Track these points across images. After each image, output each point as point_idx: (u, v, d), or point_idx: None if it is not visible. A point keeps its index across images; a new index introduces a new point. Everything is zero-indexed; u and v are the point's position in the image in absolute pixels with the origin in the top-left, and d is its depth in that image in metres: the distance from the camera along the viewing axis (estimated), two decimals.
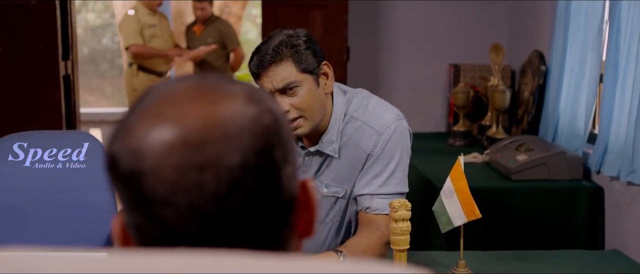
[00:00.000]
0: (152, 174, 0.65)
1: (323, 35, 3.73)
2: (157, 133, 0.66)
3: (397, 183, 1.98)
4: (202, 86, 0.70)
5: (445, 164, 3.17)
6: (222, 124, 0.66)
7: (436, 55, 4.16)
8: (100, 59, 10.39)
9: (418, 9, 4.13)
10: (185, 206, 0.65)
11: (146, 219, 0.67)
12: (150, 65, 5.34)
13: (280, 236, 0.71)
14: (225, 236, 0.66)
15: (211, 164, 0.65)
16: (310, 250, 2.10)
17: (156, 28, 5.37)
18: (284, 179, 0.69)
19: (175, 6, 7.66)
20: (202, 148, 0.65)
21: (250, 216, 0.67)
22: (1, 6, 3.65)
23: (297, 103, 1.89)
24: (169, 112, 0.67)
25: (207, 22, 5.58)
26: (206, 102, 0.67)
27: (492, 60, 3.44)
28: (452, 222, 1.82)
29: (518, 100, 3.59)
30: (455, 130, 3.68)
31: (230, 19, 7.57)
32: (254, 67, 1.90)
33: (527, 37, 3.82)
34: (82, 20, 10.50)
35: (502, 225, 2.80)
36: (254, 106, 0.68)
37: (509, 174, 2.86)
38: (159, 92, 0.70)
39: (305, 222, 0.74)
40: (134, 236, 0.69)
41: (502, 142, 3.13)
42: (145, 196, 0.65)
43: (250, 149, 0.66)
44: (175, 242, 0.66)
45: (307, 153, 2.05)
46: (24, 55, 3.70)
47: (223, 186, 0.65)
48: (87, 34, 10.49)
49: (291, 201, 0.71)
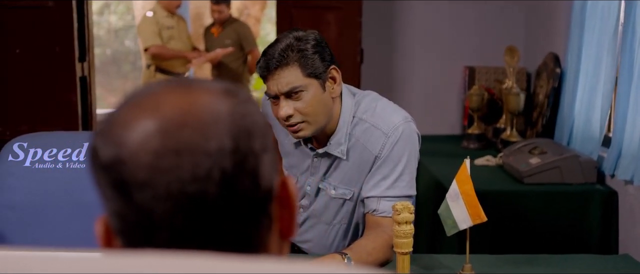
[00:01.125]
0: (131, 161, 0.66)
1: (337, 38, 3.73)
2: (136, 122, 0.67)
3: (405, 186, 1.97)
4: (179, 84, 0.72)
5: (458, 167, 3.15)
6: (199, 111, 0.68)
7: (451, 57, 4.13)
8: (123, 61, 10.48)
9: (433, 10, 4.11)
10: (163, 189, 0.66)
11: (125, 205, 0.68)
12: (168, 66, 5.38)
13: (259, 225, 0.71)
14: (202, 220, 0.67)
15: (188, 148, 0.66)
16: (318, 252, 2.11)
17: (174, 30, 5.40)
18: (262, 167, 0.70)
19: (194, 8, 7.70)
20: (179, 133, 0.66)
21: (228, 201, 0.68)
22: (18, 8, 3.69)
23: (301, 108, 1.89)
24: (147, 102, 0.69)
25: (224, 24, 5.61)
26: (183, 93, 0.69)
27: (507, 62, 3.42)
28: (458, 225, 1.81)
29: (533, 103, 3.57)
30: (469, 133, 3.66)
31: (249, 21, 7.59)
32: (260, 70, 1.91)
33: (543, 39, 3.79)
34: (105, 22, 10.60)
35: (514, 229, 2.78)
36: (231, 99, 0.70)
37: (521, 177, 2.84)
38: (140, 89, 0.72)
39: (286, 221, 0.75)
40: (113, 225, 0.70)
41: (516, 145, 3.11)
42: (124, 181, 0.67)
43: (227, 134, 0.67)
44: (153, 227, 0.67)
45: (315, 155, 2.05)
46: (41, 57, 3.73)
47: (200, 170, 0.66)
48: (110, 36, 10.59)
49: (270, 192, 0.72)
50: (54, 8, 3.69)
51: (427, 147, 3.61)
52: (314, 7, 3.76)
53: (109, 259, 0.60)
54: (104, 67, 10.21)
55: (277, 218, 0.74)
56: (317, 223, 2.13)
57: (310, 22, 3.73)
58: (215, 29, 5.65)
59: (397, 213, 1.64)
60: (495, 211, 2.79)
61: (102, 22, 10.55)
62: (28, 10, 3.69)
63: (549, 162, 2.81)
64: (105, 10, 10.62)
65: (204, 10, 7.36)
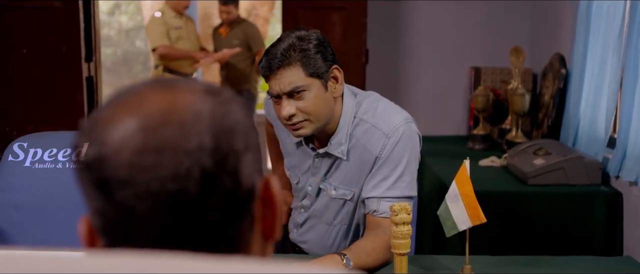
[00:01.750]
0: (112, 158, 0.67)
1: (342, 38, 3.73)
2: (117, 120, 0.68)
3: (405, 187, 1.97)
4: (161, 84, 0.72)
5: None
6: (181, 110, 0.68)
7: (457, 58, 4.12)
8: (133, 61, 10.51)
9: (438, 11, 4.10)
10: (143, 188, 0.66)
11: (106, 203, 0.68)
12: (176, 67, 5.39)
13: (239, 224, 0.71)
14: (182, 218, 0.67)
15: (169, 146, 0.66)
16: (318, 252, 2.11)
17: (182, 30, 5.41)
18: (243, 166, 0.70)
19: (203, 8, 7.72)
20: (160, 132, 0.67)
21: (208, 199, 0.68)
22: (25, 8, 3.71)
23: (304, 107, 1.89)
24: (130, 101, 0.69)
25: (233, 24, 5.62)
26: (165, 92, 0.70)
27: (513, 63, 3.41)
28: (457, 226, 1.80)
29: (539, 104, 3.55)
30: (474, 133, 3.65)
31: (257, 21, 7.59)
32: (262, 69, 1.91)
33: (549, 39, 3.78)
34: (116, 23, 10.64)
35: (518, 230, 2.77)
36: (213, 98, 0.71)
37: (525, 178, 2.83)
38: (124, 89, 0.73)
39: (269, 221, 0.75)
40: (95, 224, 0.70)
41: (521, 146, 3.09)
42: (105, 179, 0.67)
43: (208, 133, 0.68)
44: (134, 225, 0.67)
45: (316, 155, 2.05)
46: (47, 57, 3.75)
47: (181, 168, 0.66)
48: (121, 36, 10.63)
49: (251, 191, 0.72)
50: (60, 8, 3.71)
51: (432, 147, 3.62)
52: (319, 7, 3.76)
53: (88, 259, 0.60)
54: (114, 67, 10.25)
55: (260, 218, 0.74)
56: (317, 223, 2.13)
57: (316, 22, 3.73)
58: (224, 29, 5.66)
59: (394, 213, 1.64)
60: (499, 212, 2.78)
61: (112, 22, 10.59)
62: (35, 10, 3.71)
63: (553, 163, 2.79)
64: (115, 10, 10.66)
65: (212, 10, 7.37)
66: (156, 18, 5.42)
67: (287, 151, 2.19)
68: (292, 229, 2.24)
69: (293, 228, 2.23)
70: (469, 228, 1.80)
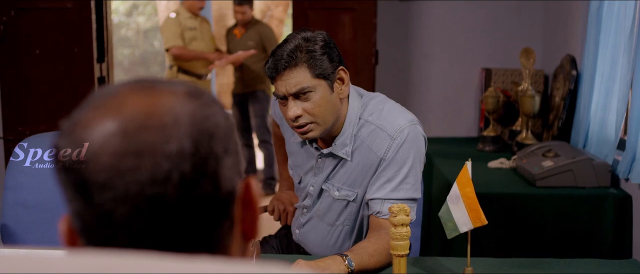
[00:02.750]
0: (91, 161, 0.67)
1: (352, 39, 3.73)
2: (97, 122, 0.68)
3: (409, 189, 1.97)
4: (142, 85, 0.72)
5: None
6: (161, 113, 0.68)
7: (468, 59, 4.11)
8: (152, 61, 10.58)
9: (449, 12, 4.09)
10: (122, 190, 0.66)
11: (85, 206, 0.68)
12: (190, 67, 5.42)
13: (219, 227, 0.71)
14: (161, 222, 0.67)
15: (148, 150, 0.66)
16: (321, 253, 2.11)
17: (197, 31, 5.44)
18: (223, 170, 0.70)
19: (218, 9, 7.75)
20: (139, 135, 0.67)
21: (187, 203, 0.68)
22: (38, 9, 3.74)
23: (310, 108, 1.89)
24: (109, 103, 0.69)
25: (247, 25, 5.63)
26: (146, 95, 0.70)
27: (523, 64, 3.39)
28: (458, 228, 1.80)
29: (550, 105, 3.53)
30: (485, 135, 3.63)
31: (272, 22, 7.62)
32: (268, 70, 1.91)
33: (560, 40, 3.75)
34: (134, 23, 10.71)
35: (526, 232, 2.75)
36: (194, 101, 0.71)
37: (533, 180, 2.81)
38: (104, 89, 0.73)
39: (248, 222, 0.75)
40: (75, 226, 0.71)
41: (530, 147, 3.07)
42: (85, 182, 0.67)
43: (187, 137, 0.68)
44: (113, 228, 0.68)
45: (320, 155, 2.05)
46: (59, 58, 3.78)
47: (160, 172, 0.66)
48: (139, 37, 10.70)
49: (231, 194, 0.72)
50: (72, 9, 3.73)
51: (442, 149, 3.61)
52: (329, 8, 3.76)
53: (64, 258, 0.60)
54: (132, 68, 10.32)
55: (240, 220, 0.74)
56: (319, 224, 2.13)
57: (326, 23, 3.73)
58: (238, 30, 5.68)
59: (393, 215, 1.63)
60: (507, 214, 2.77)
61: (130, 23, 10.67)
62: (47, 11, 3.74)
63: (561, 165, 2.77)
64: (133, 11, 10.74)
65: (227, 11, 7.40)
66: (170, 19, 5.45)
67: (291, 149, 2.19)
68: (294, 229, 2.25)
69: (295, 229, 2.24)
70: (471, 230, 1.79)
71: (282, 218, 2.37)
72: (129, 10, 10.66)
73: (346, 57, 3.68)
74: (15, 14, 3.73)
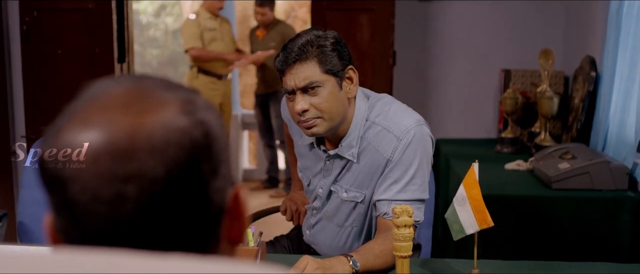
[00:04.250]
0: (75, 181, 0.65)
1: (370, 40, 3.72)
2: (82, 138, 0.66)
3: (416, 190, 1.96)
4: (135, 92, 0.69)
5: (487, 171, 3.11)
6: (149, 135, 0.65)
7: (487, 60, 4.08)
8: (180, 62, 10.65)
9: (468, 12, 4.06)
10: (107, 215, 0.65)
11: (70, 224, 0.67)
12: (209, 68, 5.45)
13: (206, 246, 0.71)
14: (147, 246, 0.66)
15: (134, 175, 0.64)
16: (330, 253, 2.11)
17: (216, 31, 5.47)
18: (211, 192, 0.69)
19: (241, 10, 7.78)
20: (126, 159, 0.65)
21: (174, 228, 0.67)
22: (61, 10, 3.79)
23: (317, 103, 1.90)
24: (97, 119, 0.67)
25: (269, 26, 5.65)
26: (135, 112, 0.67)
27: (542, 65, 3.35)
28: (464, 230, 1.79)
29: (569, 107, 3.49)
30: (503, 136, 3.60)
31: (296, 23, 7.63)
32: (278, 63, 1.93)
33: (580, 41, 3.71)
34: (162, 24, 10.80)
35: (541, 235, 2.73)
36: (186, 118, 0.68)
37: (550, 182, 2.78)
38: (92, 95, 0.70)
39: (236, 231, 0.74)
40: (61, 239, 0.70)
41: (547, 149, 3.04)
42: (68, 201, 0.66)
43: (175, 162, 0.66)
44: (93, 244, 0.67)
45: (328, 157, 2.05)
46: (81, 58, 3.82)
47: (146, 198, 0.65)
48: (167, 37, 10.78)
49: (219, 214, 0.71)
50: (94, 10, 3.78)
51: (459, 150, 3.59)
52: (347, 8, 3.76)
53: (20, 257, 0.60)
54: (161, 68, 10.40)
55: (227, 229, 0.73)
56: (328, 225, 2.13)
57: (344, 23, 3.74)
58: (260, 31, 5.70)
59: (396, 216, 1.63)
60: (523, 217, 2.74)
61: (159, 23, 10.75)
62: (69, 11, 3.79)
63: (578, 167, 2.74)
64: (161, 12, 10.82)
65: (250, 12, 7.42)
66: (190, 20, 5.49)
67: (299, 152, 2.20)
68: (304, 230, 2.25)
69: (306, 229, 2.24)
70: (479, 232, 1.78)
71: (295, 218, 2.38)
72: (157, 11, 10.74)
73: (364, 57, 3.71)
74: (38, 15, 3.78)
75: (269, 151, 5.94)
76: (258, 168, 6.40)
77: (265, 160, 6.06)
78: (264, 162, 6.09)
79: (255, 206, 2.71)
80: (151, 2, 10.41)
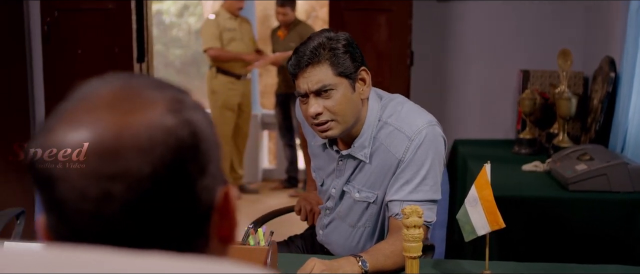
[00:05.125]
0: (63, 180, 0.66)
1: (387, 40, 3.71)
2: (70, 137, 0.67)
3: (428, 190, 1.95)
4: (123, 92, 0.70)
5: (504, 172, 3.09)
6: (135, 135, 0.66)
7: (506, 60, 4.05)
8: (202, 62, 10.69)
9: (486, 12, 4.04)
10: (94, 213, 0.65)
11: (59, 222, 0.68)
12: (228, 68, 5.48)
13: (195, 245, 0.71)
14: (134, 244, 0.66)
15: (120, 174, 0.65)
16: (342, 254, 2.11)
17: (236, 31, 5.49)
18: (199, 190, 0.70)
19: (262, 10, 7.79)
20: (112, 158, 0.65)
21: (161, 226, 0.67)
22: (81, 10, 3.83)
23: (331, 106, 1.90)
24: (85, 118, 0.68)
25: (290, 26, 5.66)
26: (122, 112, 0.67)
27: (560, 66, 3.33)
28: (476, 231, 1.78)
29: (588, 108, 3.46)
30: (521, 137, 3.58)
31: (316, 23, 7.63)
32: (291, 67, 1.92)
33: (600, 42, 3.67)
34: (185, 24, 10.85)
35: (557, 237, 2.71)
36: (172, 117, 0.68)
37: (566, 184, 2.76)
38: (82, 94, 0.71)
39: (226, 229, 0.74)
40: (51, 235, 0.71)
41: (565, 151, 3.02)
42: (57, 200, 0.67)
43: (161, 161, 0.66)
44: (81, 241, 0.67)
45: (340, 157, 2.05)
46: (101, 57, 3.86)
47: (132, 196, 0.65)
48: (191, 37, 10.83)
49: (208, 212, 0.71)
50: (114, 10, 3.81)
51: (477, 151, 3.57)
52: (365, 9, 3.76)
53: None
54: (184, 68, 10.45)
55: (216, 227, 0.73)
56: (341, 225, 2.14)
57: (361, 24, 3.73)
58: (281, 32, 5.72)
59: (405, 216, 1.63)
60: (539, 218, 2.73)
61: (181, 24, 10.81)
62: (89, 11, 3.83)
63: (595, 169, 2.72)
64: (184, 12, 10.87)
65: (271, 12, 7.43)
66: (209, 20, 5.52)
67: (313, 152, 2.20)
68: (318, 230, 2.25)
69: (319, 229, 2.24)
70: (489, 233, 1.77)
71: (309, 218, 2.38)
72: (180, 11, 10.79)
73: (381, 58, 3.70)
74: (58, 15, 3.82)
75: (288, 151, 5.95)
76: (278, 168, 6.41)
77: (284, 160, 6.07)
78: (284, 162, 6.10)
79: (274, 205, 2.72)
80: (174, 2, 10.47)
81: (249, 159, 6.18)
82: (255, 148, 6.32)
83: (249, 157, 6.13)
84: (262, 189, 6.07)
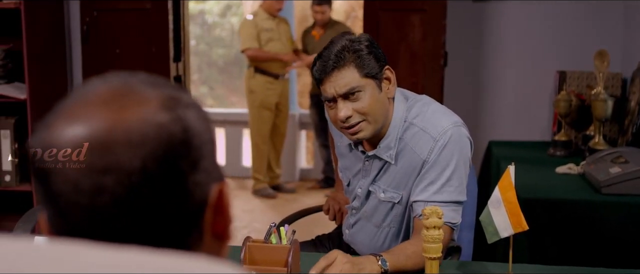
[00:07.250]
0: (58, 173, 0.68)
1: (421, 40, 3.70)
2: (66, 133, 0.69)
3: (453, 191, 1.94)
4: (119, 90, 0.71)
5: (538, 174, 3.06)
6: (127, 129, 0.68)
7: (542, 61, 3.99)
8: (245, 61, 10.77)
9: (524, 12, 3.98)
10: (87, 206, 0.67)
11: (55, 215, 0.70)
12: (266, 67, 5.51)
13: (188, 240, 0.72)
14: (126, 237, 0.68)
15: (112, 167, 0.67)
16: (367, 253, 2.11)
17: (274, 32, 5.52)
18: (191, 186, 0.70)
19: (301, 10, 7.82)
20: (104, 152, 0.67)
21: (152, 220, 0.69)
22: (119, 10, 3.90)
23: (360, 108, 1.90)
24: (80, 113, 0.70)
25: (326, 26, 5.67)
26: (116, 108, 0.69)
27: (597, 67, 3.27)
28: (499, 233, 1.76)
29: (625, 110, 3.40)
30: (556, 139, 3.53)
31: (355, 23, 7.61)
32: (316, 73, 1.93)
33: (639, 42, 3.60)
34: (228, 24, 10.95)
35: (589, 240, 2.66)
36: (165, 113, 0.70)
37: (599, 187, 2.72)
38: (80, 93, 0.73)
39: (220, 225, 0.75)
40: (50, 229, 0.73)
41: (600, 153, 2.97)
42: (53, 193, 0.69)
43: (151, 156, 0.67)
44: (75, 236, 0.69)
45: (366, 157, 2.06)
46: (138, 57, 3.92)
47: (123, 189, 0.67)
48: (234, 37, 10.92)
49: (201, 208, 0.72)
50: (151, 10, 3.87)
51: (512, 153, 3.53)
52: (399, 9, 3.75)
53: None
54: (227, 67, 10.54)
55: (211, 223, 0.74)
56: (367, 225, 2.14)
57: (396, 24, 3.73)
58: (316, 31, 5.72)
59: (425, 217, 1.63)
60: (570, 221, 2.69)
61: (224, 23, 10.91)
62: (127, 11, 3.89)
63: (629, 172, 2.67)
64: (227, 12, 10.97)
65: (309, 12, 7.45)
66: (247, 21, 5.56)
67: (340, 152, 2.21)
68: (344, 230, 2.26)
69: (345, 229, 2.25)
70: (512, 235, 1.76)
71: (337, 218, 2.39)
72: (223, 11, 10.89)
73: (415, 58, 3.69)
74: (97, 15, 3.90)
75: (324, 151, 5.96)
76: (315, 168, 6.43)
77: (320, 160, 6.08)
78: (320, 162, 6.12)
79: (310, 205, 2.73)
80: (217, 2, 10.57)
81: (287, 159, 6.21)
82: (292, 148, 6.35)
83: (286, 157, 6.16)
84: (299, 188, 6.10)
